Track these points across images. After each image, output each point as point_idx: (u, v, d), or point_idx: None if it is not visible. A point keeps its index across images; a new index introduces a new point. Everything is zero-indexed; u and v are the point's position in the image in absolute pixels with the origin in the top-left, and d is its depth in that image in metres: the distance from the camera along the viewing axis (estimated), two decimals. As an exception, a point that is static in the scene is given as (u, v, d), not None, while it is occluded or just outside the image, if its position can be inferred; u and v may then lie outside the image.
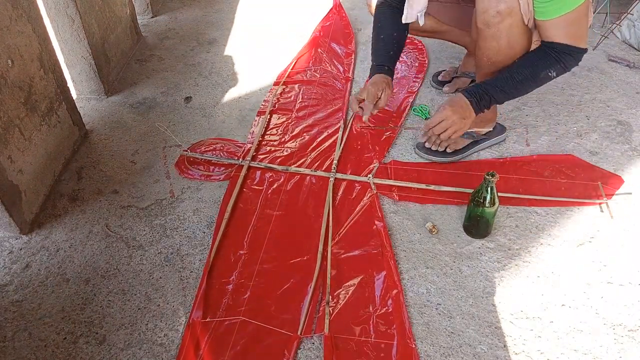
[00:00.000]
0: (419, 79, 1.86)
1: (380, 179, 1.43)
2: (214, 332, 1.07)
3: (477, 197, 1.18)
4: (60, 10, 1.59)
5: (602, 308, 1.12)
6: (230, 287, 1.17)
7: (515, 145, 1.56)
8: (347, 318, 1.10)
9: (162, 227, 1.33)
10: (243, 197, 1.40)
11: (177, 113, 1.75)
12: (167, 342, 1.07)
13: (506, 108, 1.69)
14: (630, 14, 2.02)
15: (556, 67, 1.26)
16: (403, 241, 1.27)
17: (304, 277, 1.18)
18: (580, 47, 1.24)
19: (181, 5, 2.51)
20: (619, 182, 1.40)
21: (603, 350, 1.04)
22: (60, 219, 1.35)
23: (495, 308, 1.12)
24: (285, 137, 1.62)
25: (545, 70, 1.27)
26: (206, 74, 1.97)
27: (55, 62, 1.45)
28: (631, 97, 1.76)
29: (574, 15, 1.19)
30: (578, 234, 1.28)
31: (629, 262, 1.21)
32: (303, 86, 1.85)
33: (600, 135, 1.59)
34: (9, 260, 1.24)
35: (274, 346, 1.05)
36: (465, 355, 1.03)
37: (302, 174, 1.46)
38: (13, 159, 1.25)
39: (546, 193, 1.37)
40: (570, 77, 1.85)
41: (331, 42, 2.09)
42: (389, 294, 1.13)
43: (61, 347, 1.06)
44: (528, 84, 1.30)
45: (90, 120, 1.71)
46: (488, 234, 1.27)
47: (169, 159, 1.55)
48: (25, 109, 1.31)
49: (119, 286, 1.18)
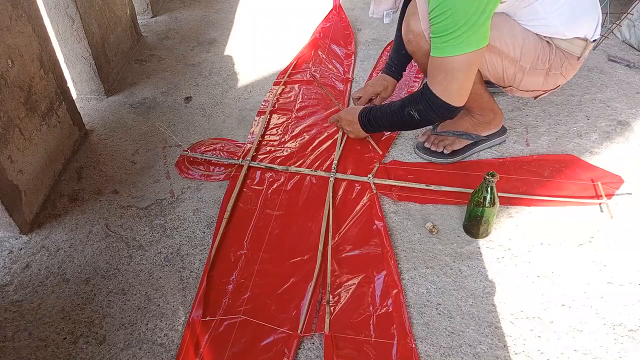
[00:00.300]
0: (419, 78, 1.86)
1: (380, 179, 1.43)
2: (214, 331, 1.07)
3: (477, 197, 1.18)
4: (60, 10, 1.59)
5: (602, 308, 1.12)
6: (230, 286, 1.17)
7: (515, 145, 1.56)
8: (347, 317, 1.10)
9: (162, 227, 1.33)
10: (243, 197, 1.40)
11: (177, 113, 1.75)
12: (167, 342, 1.07)
13: (506, 108, 1.69)
14: (630, 14, 2.02)
15: (417, 108, 1.27)
16: (403, 241, 1.27)
17: (304, 277, 1.18)
18: (443, 99, 1.20)
19: (181, 5, 2.51)
20: (619, 182, 1.40)
21: (603, 350, 1.04)
22: (60, 219, 1.35)
23: (495, 308, 1.12)
24: (285, 137, 1.62)
25: (408, 107, 1.30)
26: (206, 74, 1.97)
27: (55, 62, 1.45)
28: (631, 97, 1.76)
29: (446, 63, 1.15)
30: (578, 234, 1.28)
31: (629, 262, 1.21)
32: (303, 86, 1.85)
33: (600, 135, 1.59)
34: (9, 260, 1.24)
35: (274, 345, 1.05)
36: (465, 355, 1.03)
37: (302, 173, 1.46)
38: (13, 159, 1.25)
39: (546, 193, 1.37)
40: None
41: (331, 43, 2.09)
42: (389, 294, 1.13)
43: (61, 347, 1.06)
44: (396, 116, 1.35)
45: (90, 120, 1.71)
46: (488, 234, 1.27)
47: (169, 159, 1.55)
48: (25, 109, 1.31)
49: (119, 286, 1.18)
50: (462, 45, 1.11)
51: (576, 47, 1.28)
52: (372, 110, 1.42)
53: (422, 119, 1.29)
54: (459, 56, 1.13)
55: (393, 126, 1.43)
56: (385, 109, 1.39)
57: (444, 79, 1.18)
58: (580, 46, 1.28)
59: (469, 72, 1.18)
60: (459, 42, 1.11)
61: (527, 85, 1.34)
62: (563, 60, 1.30)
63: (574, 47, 1.28)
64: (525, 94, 1.39)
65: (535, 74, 1.31)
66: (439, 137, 1.50)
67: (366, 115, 1.43)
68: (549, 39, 1.28)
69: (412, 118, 1.30)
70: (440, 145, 1.49)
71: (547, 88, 1.36)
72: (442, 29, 1.11)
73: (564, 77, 1.34)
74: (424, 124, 1.34)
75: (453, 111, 1.24)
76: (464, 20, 1.07)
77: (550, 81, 1.34)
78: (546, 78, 1.32)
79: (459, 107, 1.24)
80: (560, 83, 1.36)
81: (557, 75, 1.32)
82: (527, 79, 1.32)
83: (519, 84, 1.34)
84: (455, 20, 1.08)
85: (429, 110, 1.25)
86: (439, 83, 1.20)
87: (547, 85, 1.35)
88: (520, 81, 1.32)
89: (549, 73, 1.31)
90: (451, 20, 1.08)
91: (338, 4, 2.32)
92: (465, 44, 1.11)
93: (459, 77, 1.17)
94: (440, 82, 1.19)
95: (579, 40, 1.27)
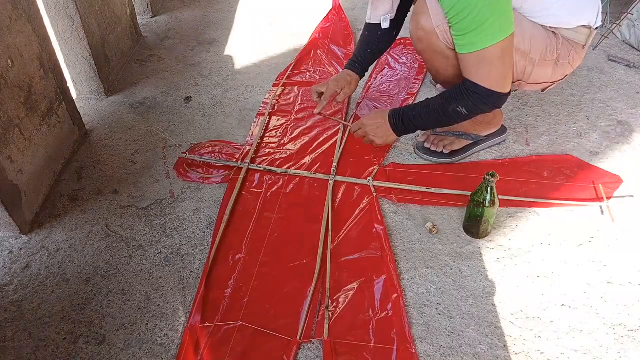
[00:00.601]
0: (418, 80, 1.86)
1: (380, 181, 1.42)
2: (213, 337, 1.06)
3: (477, 197, 1.18)
4: (60, 10, 1.59)
5: (602, 308, 1.12)
6: (228, 291, 1.16)
7: (515, 146, 1.56)
8: (346, 322, 1.09)
9: (162, 227, 1.33)
10: (242, 199, 1.39)
11: (177, 113, 1.75)
12: (167, 342, 1.06)
13: (506, 108, 1.69)
14: (630, 14, 2.02)
15: (465, 104, 1.27)
16: (403, 241, 1.27)
17: (303, 281, 1.17)
18: (492, 89, 1.22)
19: (181, 5, 2.51)
20: (619, 182, 1.40)
21: (603, 350, 1.04)
22: (60, 219, 1.35)
23: (495, 308, 1.12)
24: (285, 140, 1.61)
25: (454, 104, 1.29)
26: (206, 74, 1.97)
27: (55, 62, 1.45)
28: (631, 97, 1.76)
29: (484, 55, 1.18)
30: (578, 234, 1.28)
31: (629, 262, 1.21)
32: (302, 87, 1.85)
33: (600, 135, 1.59)
34: (9, 260, 1.24)
35: (273, 351, 1.04)
36: (465, 355, 1.03)
37: (301, 176, 1.46)
38: (13, 159, 1.25)
39: (546, 194, 1.37)
40: (571, 77, 1.85)
41: (330, 43, 2.09)
42: (388, 298, 1.12)
43: (61, 347, 1.06)
44: (439, 114, 1.33)
45: (90, 120, 1.71)
46: (488, 234, 1.27)
47: (169, 159, 1.55)
48: (25, 109, 1.31)
49: (119, 286, 1.18)
50: (495, 35, 1.14)
51: (581, 36, 1.31)
52: (404, 110, 1.38)
53: (471, 112, 1.29)
54: (493, 46, 1.16)
55: (435, 124, 1.41)
56: (421, 108, 1.35)
57: (488, 71, 1.21)
58: (584, 34, 1.31)
59: (509, 58, 1.21)
60: (492, 32, 1.14)
61: (536, 78, 1.35)
62: (570, 49, 1.32)
63: (579, 35, 1.31)
64: (534, 87, 1.40)
65: (544, 66, 1.32)
66: (438, 137, 1.50)
67: (399, 116, 1.38)
68: (555, 29, 1.30)
69: (459, 114, 1.29)
70: (440, 145, 1.49)
71: (556, 79, 1.38)
72: (467, 25, 1.14)
73: (572, 65, 1.36)
74: (471, 117, 1.34)
75: (502, 99, 1.26)
76: (489, 12, 1.11)
77: (559, 71, 1.36)
78: (554, 69, 1.34)
79: (508, 93, 1.26)
80: (567, 72, 1.38)
81: (565, 65, 1.34)
82: (537, 71, 1.33)
83: (528, 77, 1.35)
84: (480, 12, 1.11)
85: (480, 104, 1.26)
86: (484, 75, 1.21)
87: (555, 76, 1.37)
88: (530, 74, 1.34)
89: (557, 63, 1.33)
90: (475, 15, 1.11)
91: (338, 4, 2.33)
92: (498, 32, 1.14)
93: (499, 65, 1.20)
94: (485, 74, 1.21)
95: (583, 28, 1.30)
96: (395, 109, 1.40)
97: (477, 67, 1.21)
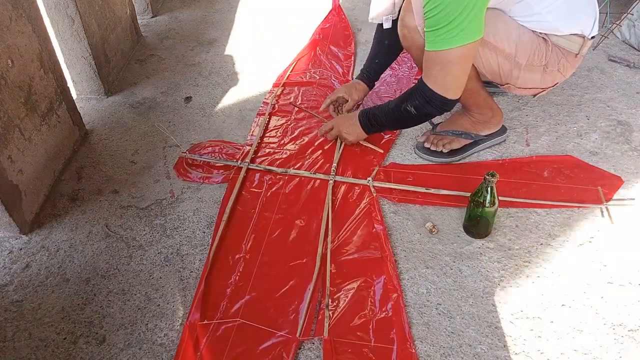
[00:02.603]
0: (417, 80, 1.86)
1: (380, 181, 1.42)
2: (212, 335, 1.06)
3: (477, 197, 1.18)
4: (60, 10, 1.59)
5: (602, 308, 1.12)
6: (229, 290, 1.16)
7: (515, 146, 1.56)
8: (346, 322, 1.09)
9: (162, 227, 1.33)
10: (242, 199, 1.39)
11: (177, 113, 1.75)
12: (167, 342, 1.07)
13: (506, 108, 1.69)
14: (630, 14, 2.02)
15: (413, 103, 1.28)
16: (403, 241, 1.27)
17: (303, 280, 1.18)
18: (437, 92, 1.21)
19: (181, 5, 2.51)
20: (619, 183, 1.40)
21: (603, 350, 1.04)
22: (60, 219, 1.35)
23: (495, 308, 1.12)
24: (285, 139, 1.61)
25: (405, 103, 1.30)
26: (206, 74, 1.97)
27: (55, 62, 1.45)
28: (631, 97, 1.76)
29: (440, 56, 1.16)
30: (578, 234, 1.28)
31: (629, 262, 1.21)
32: (302, 88, 1.85)
33: (600, 135, 1.59)
34: (9, 260, 1.24)
35: (272, 349, 1.04)
36: (465, 355, 1.03)
37: (301, 176, 1.46)
38: (13, 159, 1.25)
39: (546, 195, 1.37)
40: (570, 77, 1.84)
41: (330, 44, 2.09)
42: (388, 298, 1.12)
43: (61, 347, 1.06)
44: (393, 113, 1.35)
45: (90, 120, 1.71)
46: (488, 234, 1.27)
47: (169, 159, 1.55)
48: (25, 109, 1.31)
49: (119, 286, 1.18)
50: (456, 39, 1.12)
51: (573, 44, 1.28)
52: (372, 109, 1.43)
53: (419, 113, 1.29)
54: (453, 49, 1.14)
55: (392, 124, 1.43)
56: (384, 107, 1.39)
57: (439, 73, 1.19)
58: (577, 43, 1.28)
59: (463, 65, 1.19)
60: (453, 35, 1.11)
61: (524, 83, 1.34)
62: (560, 57, 1.30)
63: (571, 43, 1.28)
64: (524, 91, 1.39)
65: (532, 71, 1.31)
66: (438, 137, 1.50)
67: (366, 115, 1.43)
68: (545, 35, 1.28)
69: (409, 113, 1.30)
70: (439, 144, 1.49)
71: (546, 86, 1.37)
72: (435, 22, 1.12)
73: (562, 74, 1.34)
74: (422, 119, 1.34)
75: (448, 104, 1.25)
76: (456, 13, 1.08)
77: (548, 78, 1.34)
78: (543, 75, 1.33)
79: (455, 100, 1.24)
80: (558, 80, 1.36)
81: (554, 73, 1.33)
82: (524, 76, 1.32)
83: (516, 81, 1.34)
84: (448, 13, 1.09)
85: (426, 104, 1.26)
86: (434, 77, 1.21)
87: (545, 83, 1.35)
88: (517, 78, 1.33)
89: (546, 70, 1.31)
90: (444, 14, 1.09)
91: (337, 4, 2.33)
92: (459, 37, 1.12)
93: (453, 70, 1.18)
94: (435, 75, 1.20)
95: (576, 36, 1.28)
96: (365, 109, 1.46)
97: (431, 66, 1.20)
